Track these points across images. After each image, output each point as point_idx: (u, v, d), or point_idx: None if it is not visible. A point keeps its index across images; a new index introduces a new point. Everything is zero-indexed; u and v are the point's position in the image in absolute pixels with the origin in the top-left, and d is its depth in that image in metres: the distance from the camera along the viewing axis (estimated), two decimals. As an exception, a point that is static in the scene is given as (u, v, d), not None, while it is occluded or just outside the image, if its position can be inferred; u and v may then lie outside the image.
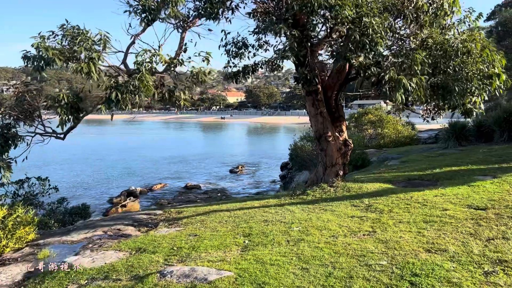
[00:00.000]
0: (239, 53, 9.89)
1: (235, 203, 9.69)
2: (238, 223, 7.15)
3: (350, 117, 28.34)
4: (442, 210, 6.40)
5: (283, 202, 8.81)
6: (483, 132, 16.67)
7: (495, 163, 10.31)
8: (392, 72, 7.23)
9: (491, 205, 6.39)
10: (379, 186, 9.12)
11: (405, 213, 6.53)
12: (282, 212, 7.70)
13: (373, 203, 7.55)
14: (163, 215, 9.50)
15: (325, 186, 9.35)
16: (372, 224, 6.10)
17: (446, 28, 8.65)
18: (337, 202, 8.09)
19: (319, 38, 9.57)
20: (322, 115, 9.50)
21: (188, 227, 7.55)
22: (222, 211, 8.58)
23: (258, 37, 9.91)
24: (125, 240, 7.08)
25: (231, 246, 5.75)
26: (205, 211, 9.00)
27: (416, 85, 7.17)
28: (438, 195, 7.59)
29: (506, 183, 7.92)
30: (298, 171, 24.08)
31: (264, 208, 8.30)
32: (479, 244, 4.73)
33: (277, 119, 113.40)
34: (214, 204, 10.21)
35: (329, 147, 9.59)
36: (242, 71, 9.84)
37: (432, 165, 11.27)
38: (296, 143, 21.16)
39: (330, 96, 9.70)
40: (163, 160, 42.14)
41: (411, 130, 27.22)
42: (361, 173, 12.54)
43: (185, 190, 28.93)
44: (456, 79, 7.48)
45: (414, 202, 7.23)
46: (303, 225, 6.44)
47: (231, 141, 65.94)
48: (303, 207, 8.04)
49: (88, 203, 24.98)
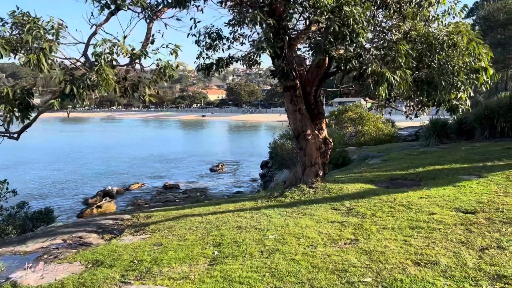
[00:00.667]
0: (213, 45, 9.27)
1: (209, 206, 9.07)
2: (209, 230, 6.53)
3: (330, 115, 27.99)
4: (429, 214, 5.92)
5: (260, 205, 8.24)
6: (464, 129, 16.44)
7: (478, 162, 9.95)
8: (375, 65, 6.72)
9: (480, 208, 5.94)
10: (360, 187, 8.63)
11: (389, 218, 6.03)
12: (258, 217, 7.12)
13: (354, 206, 7.04)
14: (131, 220, 8.81)
15: (304, 187, 8.81)
16: (354, 231, 5.58)
17: (430, 20, 8.21)
18: (317, 205, 7.56)
19: (298, 31, 9.03)
20: (300, 112, 8.95)
21: (155, 234, 6.90)
22: (194, 216, 7.96)
23: (233, 29, 9.31)
24: (84, 251, 6.38)
25: (198, 258, 5.14)
26: (175, 215, 8.35)
27: (400, 79, 6.68)
28: (423, 196, 7.13)
29: (492, 183, 7.52)
30: (278, 169, 23.60)
31: (239, 212, 7.71)
32: (473, 255, 4.24)
33: (258, 116, 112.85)
34: (186, 207, 9.57)
35: (308, 146, 9.05)
36: (216, 64, 9.20)
37: (415, 164, 10.87)
38: (276, 142, 20.63)
39: (309, 92, 9.16)
40: (142, 159, 41.20)
41: (391, 128, 27.03)
42: (342, 173, 12.07)
43: (164, 190, 28.29)
44: (442, 73, 7.02)
45: (398, 205, 6.75)
46: (279, 232, 5.87)
47: (211, 139, 65.19)
48: (281, 210, 7.48)
49: (61, 204, 24.09)
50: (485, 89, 7.32)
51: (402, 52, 6.70)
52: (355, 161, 16.50)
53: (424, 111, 8.42)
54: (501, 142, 13.46)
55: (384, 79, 6.56)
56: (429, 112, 8.94)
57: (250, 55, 10.34)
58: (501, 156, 10.25)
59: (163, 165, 38.29)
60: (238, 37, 9.41)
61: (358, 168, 11.94)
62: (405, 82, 6.77)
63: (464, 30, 7.16)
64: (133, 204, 24.09)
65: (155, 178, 32.33)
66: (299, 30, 9.08)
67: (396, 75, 6.65)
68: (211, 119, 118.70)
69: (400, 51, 6.69)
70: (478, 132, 15.61)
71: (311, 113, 9.20)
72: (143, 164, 38.31)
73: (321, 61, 8.67)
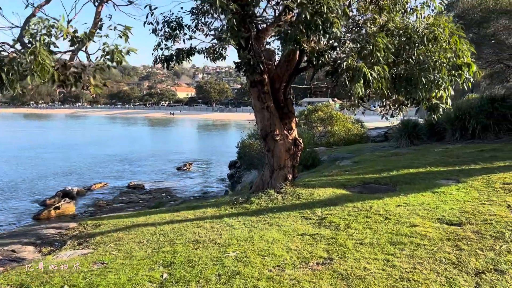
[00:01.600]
0: (173, 35, 8.38)
1: (166, 213, 8.15)
2: (161, 245, 5.65)
3: (300, 114, 27.48)
4: (410, 226, 5.26)
5: (222, 213, 7.41)
6: (435, 130, 16.16)
7: (454, 165, 9.49)
8: (351, 59, 6.03)
9: (466, 219, 5.33)
10: (332, 192, 7.95)
11: (366, 230, 5.33)
12: (219, 228, 6.29)
13: (327, 215, 6.32)
14: (77, 230, 7.80)
15: (272, 192, 8.05)
16: (328, 247, 4.84)
17: (408, 13, 7.61)
18: (285, 213, 6.80)
19: (267, 23, 8.26)
20: (269, 110, 8.18)
21: (99, 249, 5.95)
22: (147, 226, 7.03)
23: (195, 18, 8.45)
24: (11, 270, 5.37)
25: (143, 283, 4.25)
26: (127, 225, 7.40)
27: (378, 76, 6.01)
28: (401, 204, 6.49)
29: (473, 189, 6.99)
30: (246, 170, 22.83)
31: (199, 222, 6.85)
32: (468, 281, 3.57)
33: (228, 115, 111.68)
34: (142, 214, 8.61)
35: (277, 147, 8.30)
36: (176, 55, 8.30)
37: (388, 167, 10.32)
38: (244, 141, 19.83)
39: (278, 88, 8.40)
40: (106, 158, 39.52)
41: (360, 128, 26.77)
42: (312, 175, 11.39)
43: (128, 190, 27.08)
44: (423, 69, 6.41)
45: (375, 214, 6.08)
46: (242, 248, 5.06)
47: (180, 137, 63.80)
48: (245, 219, 6.68)
49: (16, 206, 22.42)
50: (466, 87, 6.78)
51: (380, 46, 6.03)
52: (325, 162, 15.92)
53: (401, 111, 7.84)
54: (473, 144, 13.18)
55: (360, 75, 5.88)
56: (407, 111, 8.37)
57: (215, 48, 9.52)
58: (476, 159, 9.84)
59: (128, 164, 36.87)
60: (201, 27, 8.57)
61: (328, 171, 11.30)
62: (383, 79, 6.11)
63: (446, 22, 6.58)
64: (94, 205, 22.89)
65: (119, 177, 31.04)
66: (268, 21, 8.33)
67: (374, 71, 5.98)
68: (179, 117, 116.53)
69: (378, 45, 6.03)
70: (449, 134, 15.35)
71: (280, 111, 8.45)
72: (108, 163, 36.75)
73: (291, 55, 7.93)
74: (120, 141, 55.92)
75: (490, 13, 11.80)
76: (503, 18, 11.97)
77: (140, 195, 25.74)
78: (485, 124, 14.05)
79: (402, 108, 7.76)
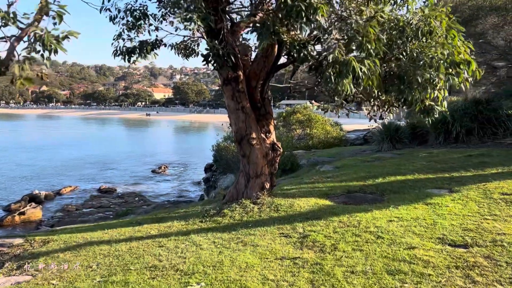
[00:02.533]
0: (137, 25, 7.43)
1: (126, 227, 7.15)
2: (112, 271, 4.68)
3: (278, 116, 26.76)
4: (408, 249, 4.46)
5: (190, 228, 6.47)
6: (417, 134, 15.60)
7: (443, 172, 8.82)
8: (338, 51, 5.21)
9: (471, 240, 4.57)
10: (314, 203, 7.12)
11: (357, 253, 4.51)
12: (185, 248, 5.37)
13: (309, 232, 5.48)
14: (21, 247, 6.71)
15: (248, 203, 7.16)
16: (312, 276, 3.99)
17: (398, 5, 6.86)
18: (262, 228, 5.93)
19: (243, 16, 7.41)
20: (244, 111, 7.30)
21: (38, 276, 4.94)
22: (102, 244, 6.03)
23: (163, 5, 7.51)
24: None
25: (78, 331, 3.31)
26: (79, 242, 6.37)
27: (368, 71, 5.21)
28: (393, 219, 5.71)
29: (471, 201, 6.28)
30: (222, 174, 21.93)
31: (161, 240, 5.91)
32: (496, 332, 2.77)
33: (206, 117, 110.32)
34: (98, 228, 7.56)
35: (253, 153, 7.42)
36: (139, 47, 7.32)
37: (373, 173, 9.59)
38: (220, 144, 18.90)
39: (254, 87, 7.52)
40: (78, 160, 38.09)
41: (339, 131, 26.21)
42: (292, 181, 10.57)
43: (99, 194, 26.03)
44: (417, 66, 5.66)
45: (365, 231, 5.27)
46: (209, 278, 4.15)
47: (156, 139, 62.44)
48: (216, 236, 5.78)
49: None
50: (464, 88, 6.06)
51: (371, 37, 5.23)
52: (304, 166, 15.15)
53: (391, 112, 7.09)
54: (458, 148, 12.63)
55: (349, 69, 5.06)
56: (397, 113, 7.64)
57: (187, 43, 8.61)
58: (466, 166, 9.20)
59: (101, 166, 35.59)
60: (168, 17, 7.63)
61: (309, 177, 10.49)
62: (374, 76, 5.31)
63: (443, 14, 5.84)
64: (63, 210, 21.82)
65: (90, 181, 29.88)
66: (245, 12, 7.48)
67: (364, 65, 5.18)
68: (156, 118, 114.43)
69: (368, 35, 5.23)
70: (432, 137, 14.80)
71: (257, 112, 7.58)
72: (79, 166, 35.36)
73: (269, 49, 7.07)
74: (94, 142, 54.33)
75: (478, 10, 11.31)
76: (492, 15, 11.47)
77: (111, 199, 24.67)
78: (469, 128, 13.55)
79: (392, 110, 7.00)
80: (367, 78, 5.24)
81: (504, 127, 13.14)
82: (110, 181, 29.18)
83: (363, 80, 5.20)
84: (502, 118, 13.18)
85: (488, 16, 11.59)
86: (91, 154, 42.09)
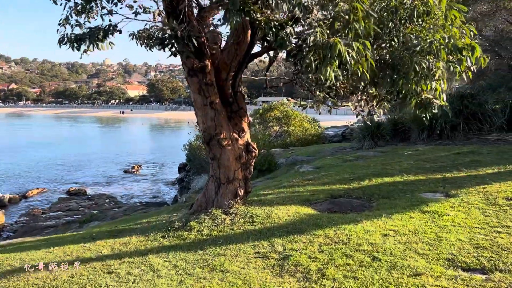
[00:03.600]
0: (87, 9, 6.36)
1: (77, 243, 6.05)
2: (40, 313, 3.65)
3: (255, 113, 25.87)
4: (413, 276, 3.59)
5: (150, 246, 5.45)
6: (398, 130, 14.90)
7: (435, 172, 8.06)
8: (320, 31, 4.28)
9: (488, 261, 3.73)
10: (295, 212, 6.19)
11: (350, 283, 3.60)
12: (138, 274, 4.36)
13: (291, 252, 4.56)
14: None
15: (218, 213, 6.17)
16: (296, 320, 3.06)
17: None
18: (234, 246, 4.98)
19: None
20: (213, 106, 6.30)
21: None
22: (39, 270, 4.94)
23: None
24: None
25: None
26: (13, 266, 5.23)
27: (357, 55, 4.31)
28: (388, 232, 4.84)
29: (473, 208, 5.48)
30: (196, 174, 20.98)
31: (113, 262, 4.87)
32: None
33: (181, 114, 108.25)
34: (44, 245, 6.43)
35: (224, 155, 6.43)
36: (89, 35, 6.21)
37: (357, 174, 8.76)
38: (192, 143, 17.84)
39: (225, 79, 6.52)
40: (46, 161, 36.50)
41: (317, 128, 25.49)
42: (269, 185, 9.65)
43: (68, 196, 24.90)
44: (414, 53, 4.80)
45: (356, 249, 4.38)
46: (162, 324, 3.17)
47: (129, 138, 60.83)
48: (178, 258, 4.79)
49: None
50: (466, 78, 5.26)
51: (359, 14, 4.32)
52: (282, 166, 14.27)
53: (381, 107, 6.25)
54: (443, 145, 11.96)
55: (334, 53, 4.14)
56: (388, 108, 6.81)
57: (150, 32, 7.53)
58: (457, 165, 8.48)
59: (71, 167, 34.19)
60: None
61: (288, 179, 9.58)
62: (365, 60, 4.41)
63: (442, -9, 5.00)
64: (28, 214, 20.67)
65: (59, 182, 28.62)
66: None
67: (353, 48, 4.27)
68: (130, 116, 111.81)
69: (356, 12, 4.31)
70: (415, 134, 14.11)
71: (228, 108, 6.59)
72: (48, 167, 33.84)
73: (242, 35, 6.09)
74: (64, 142, 52.53)
75: (469, -5, 10.68)
76: (482, 2, 10.80)
77: (81, 202, 23.56)
78: (454, 124, 12.91)
79: (382, 104, 6.15)
80: (356, 64, 4.33)
81: (490, 123, 12.57)
82: (80, 182, 27.95)
83: (352, 67, 4.28)
84: (488, 113, 12.61)
85: (478, 3, 10.94)
86: (61, 154, 40.64)
